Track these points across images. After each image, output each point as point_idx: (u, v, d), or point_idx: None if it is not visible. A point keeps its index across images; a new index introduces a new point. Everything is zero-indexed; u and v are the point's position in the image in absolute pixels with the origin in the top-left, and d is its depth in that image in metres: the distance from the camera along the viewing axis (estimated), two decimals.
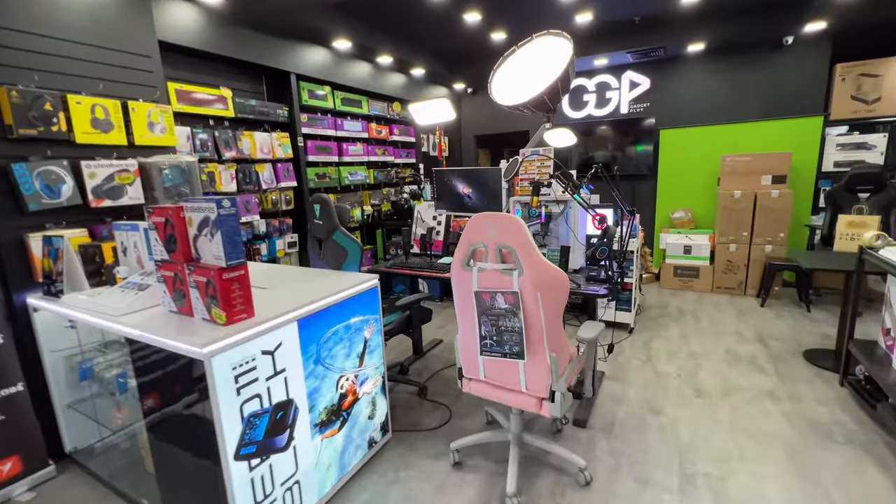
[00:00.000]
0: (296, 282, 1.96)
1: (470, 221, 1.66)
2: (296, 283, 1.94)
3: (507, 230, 1.56)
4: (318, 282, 1.93)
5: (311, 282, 1.94)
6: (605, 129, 5.22)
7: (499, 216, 1.58)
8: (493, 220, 1.59)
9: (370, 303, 1.99)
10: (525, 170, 2.52)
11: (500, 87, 2.61)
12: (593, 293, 2.03)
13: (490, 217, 1.61)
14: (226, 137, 3.04)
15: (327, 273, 2.09)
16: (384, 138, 4.73)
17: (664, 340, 3.27)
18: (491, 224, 1.60)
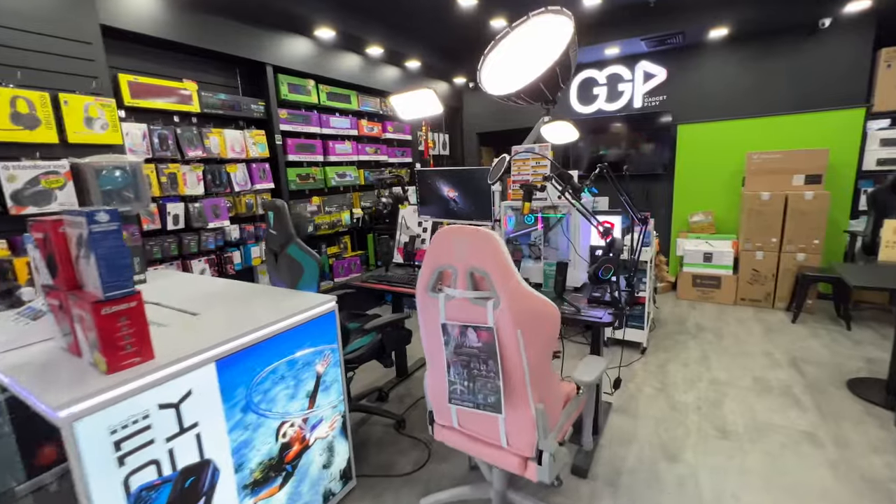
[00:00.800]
0: (241, 304, 1.64)
1: (435, 236, 1.32)
2: (240, 305, 1.63)
3: (479, 249, 1.22)
4: (265, 305, 1.61)
5: (257, 305, 1.62)
6: (616, 124, 4.81)
7: (469, 230, 1.24)
8: (463, 236, 1.25)
9: (325, 330, 1.66)
10: (518, 170, 2.16)
11: (491, 74, 2.26)
12: (595, 320, 1.67)
13: (458, 232, 1.27)
14: (189, 135, 2.75)
15: (279, 294, 1.77)
16: (376, 136, 4.41)
17: (681, 364, 2.88)
18: (459, 240, 1.26)
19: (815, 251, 3.65)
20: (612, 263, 1.61)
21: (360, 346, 2.08)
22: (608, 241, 1.67)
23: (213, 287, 1.90)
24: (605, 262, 1.62)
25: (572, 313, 1.76)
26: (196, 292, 1.83)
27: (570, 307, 1.80)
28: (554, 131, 2.15)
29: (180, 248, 2.78)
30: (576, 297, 1.98)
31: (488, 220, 2.23)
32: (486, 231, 1.21)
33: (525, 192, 1.83)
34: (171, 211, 2.70)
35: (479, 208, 2.24)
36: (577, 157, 5.09)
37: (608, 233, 1.66)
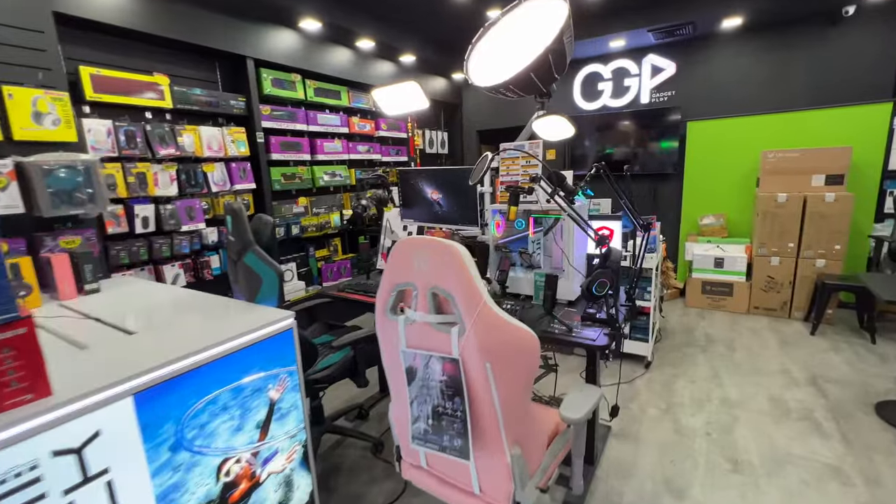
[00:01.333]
0: (189, 320, 1.46)
1: (394, 249, 1.12)
2: (188, 322, 1.44)
3: (441, 265, 1.02)
4: (216, 321, 1.43)
5: (207, 321, 1.44)
6: (622, 122, 4.57)
7: (430, 244, 1.04)
8: (423, 249, 1.05)
9: (281, 351, 1.47)
10: (507, 170, 1.95)
11: (479, 65, 2.05)
12: (588, 342, 1.46)
13: (419, 245, 1.06)
14: (160, 132, 2.58)
15: (234, 309, 1.58)
16: (369, 134, 4.22)
17: (689, 380, 2.64)
18: (420, 255, 1.06)
19: (836, 257, 3.38)
20: (608, 278, 1.40)
21: (331, 364, 1.89)
22: (604, 251, 1.45)
23: (169, 298, 1.72)
24: (599, 275, 1.40)
25: (562, 333, 1.55)
26: (147, 304, 1.65)
27: (559, 325, 1.59)
28: (547, 127, 1.94)
29: (150, 253, 2.61)
30: (569, 312, 1.76)
31: (474, 225, 2.03)
32: (449, 245, 1.01)
33: (511, 194, 1.62)
34: (140, 213, 2.54)
35: (464, 212, 2.04)
36: (582, 156, 4.85)
37: (604, 242, 1.44)
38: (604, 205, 3.09)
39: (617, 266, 1.42)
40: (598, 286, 1.40)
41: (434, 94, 5.07)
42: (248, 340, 1.36)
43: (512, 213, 1.63)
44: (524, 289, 1.97)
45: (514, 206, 1.63)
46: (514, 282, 1.99)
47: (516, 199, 1.63)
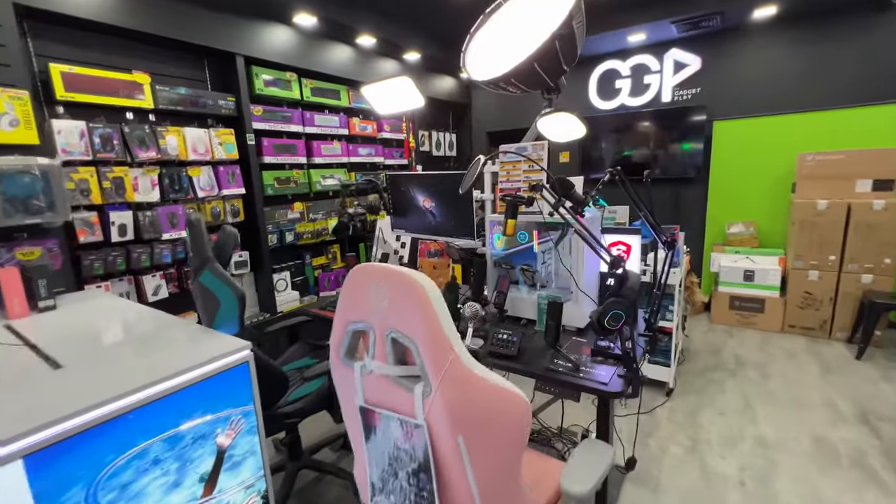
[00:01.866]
0: (132, 350, 1.26)
1: (348, 278, 0.89)
2: (131, 352, 1.24)
3: (401, 304, 0.78)
4: (161, 352, 1.23)
5: (152, 351, 1.24)
6: (642, 122, 4.26)
7: (389, 273, 0.80)
8: (381, 281, 0.82)
9: (233, 389, 1.25)
10: (507, 176, 1.71)
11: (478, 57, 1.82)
12: (598, 386, 1.20)
13: (375, 274, 0.83)
14: (140, 134, 2.42)
15: (186, 336, 1.37)
16: (371, 135, 4.02)
17: (717, 412, 2.34)
18: (377, 287, 0.82)
19: (885, 272, 3.02)
20: (623, 308, 1.14)
21: (304, 396, 1.67)
22: (619, 274, 1.19)
23: (124, 318, 1.53)
24: (612, 305, 1.14)
25: (567, 371, 1.29)
26: (96, 328, 1.46)
27: (564, 362, 1.34)
28: (554, 126, 1.69)
29: (129, 263, 2.44)
30: (577, 343, 1.50)
31: (470, 237, 1.79)
32: (412, 278, 0.77)
33: (508, 205, 1.38)
34: (116, 220, 2.37)
35: (459, 222, 1.80)
36: (598, 158, 4.55)
37: (619, 264, 1.18)
38: (620, 213, 2.81)
39: (634, 294, 1.16)
40: (612, 318, 1.15)
41: (441, 94, 4.85)
42: (188, 380, 1.14)
43: (509, 227, 1.38)
44: (527, 311, 1.72)
45: (511, 218, 1.38)
46: (516, 303, 1.74)
47: (514, 210, 1.38)
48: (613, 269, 1.20)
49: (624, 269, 1.19)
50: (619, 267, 1.18)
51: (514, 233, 1.38)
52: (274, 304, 3.19)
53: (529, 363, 1.37)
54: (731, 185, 3.89)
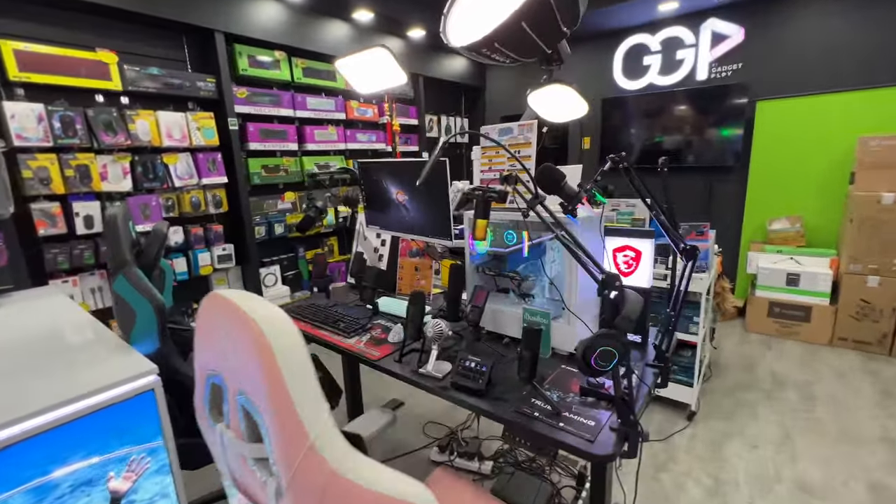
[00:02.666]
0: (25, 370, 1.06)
1: (201, 306, 0.63)
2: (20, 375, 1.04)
3: (239, 352, 0.52)
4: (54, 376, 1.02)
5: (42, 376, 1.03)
6: (672, 103, 3.80)
7: (226, 306, 0.54)
8: (222, 317, 0.55)
9: (133, 423, 1.04)
10: (489, 164, 1.40)
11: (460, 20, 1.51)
12: (581, 445, 0.91)
13: (219, 305, 0.57)
14: (106, 118, 2.24)
15: (100, 351, 1.17)
16: (372, 120, 3.75)
17: (748, 444, 1.99)
18: (222, 325, 0.56)
19: None
20: (616, 345, 0.84)
21: None
22: (612, 298, 0.89)
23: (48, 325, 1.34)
24: (601, 341, 0.84)
25: (545, 417, 1.00)
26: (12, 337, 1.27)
27: (541, 403, 1.04)
28: (547, 102, 1.36)
29: (97, 256, 2.29)
30: (566, 374, 1.20)
31: (445, 237, 1.50)
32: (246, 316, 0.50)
33: (477, 202, 1.08)
34: (81, 211, 2.22)
35: (433, 219, 1.52)
36: (626, 146, 4.10)
37: (612, 284, 0.87)
38: (640, 208, 2.45)
39: (631, 326, 0.85)
40: (600, 357, 0.85)
41: (451, 76, 4.51)
42: (60, 418, 0.93)
43: (479, 228, 1.09)
44: (511, 327, 1.43)
45: (481, 218, 1.08)
46: (498, 316, 1.45)
47: (485, 208, 1.09)
48: (606, 290, 0.89)
49: (620, 291, 0.88)
50: (612, 288, 0.87)
51: (484, 236, 1.09)
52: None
53: (499, 401, 1.09)
54: (774, 174, 3.41)
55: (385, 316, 1.73)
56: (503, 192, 1.08)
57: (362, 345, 1.47)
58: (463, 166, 5.00)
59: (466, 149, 5.06)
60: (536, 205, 0.96)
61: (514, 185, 1.04)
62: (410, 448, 2.06)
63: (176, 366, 1.26)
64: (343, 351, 1.47)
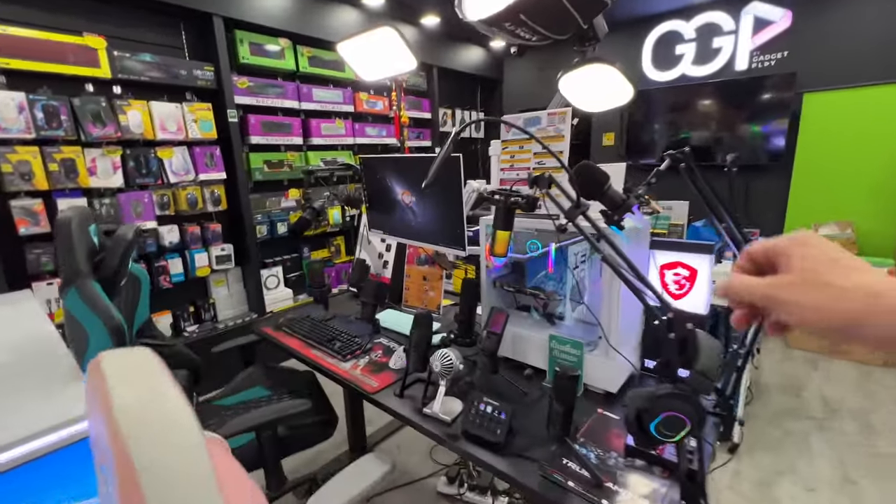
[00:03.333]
0: None
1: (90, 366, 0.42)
2: None
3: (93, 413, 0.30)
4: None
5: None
6: (706, 96, 3.49)
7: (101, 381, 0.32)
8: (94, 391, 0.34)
9: (67, 474, 0.85)
10: (510, 162, 1.18)
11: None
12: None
13: (95, 377, 0.35)
14: (94, 108, 2.08)
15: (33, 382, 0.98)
16: (382, 113, 3.54)
17: (801, 485, 1.73)
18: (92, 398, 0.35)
19: None
20: (689, 410, 0.61)
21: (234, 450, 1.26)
22: (676, 336, 0.66)
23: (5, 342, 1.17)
24: (666, 404, 0.62)
25: (580, 489, 0.78)
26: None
27: (576, 466, 0.82)
28: (582, 85, 1.13)
29: None
30: (603, 421, 0.98)
31: (458, 246, 1.28)
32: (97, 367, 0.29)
33: (497, 210, 0.86)
34: (66, 208, 2.06)
35: (444, 225, 1.30)
36: (648, 143, 3.83)
37: (680, 326, 0.65)
38: (676, 209, 2.19)
39: (708, 385, 0.63)
40: (664, 425, 0.62)
41: (467, 67, 4.28)
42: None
43: (500, 242, 0.87)
44: (534, 355, 1.21)
45: (503, 229, 0.86)
46: (519, 342, 1.23)
47: (508, 217, 0.87)
48: (669, 330, 0.66)
49: (692, 334, 0.65)
50: (681, 331, 0.64)
51: (505, 252, 0.87)
52: (262, 304, 2.84)
53: (522, 460, 0.87)
54: (822, 174, 3.10)
55: (388, 333, 1.52)
56: (531, 199, 0.85)
57: (359, 371, 1.27)
58: (478, 164, 4.77)
59: (482, 144, 4.81)
60: (578, 215, 0.74)
61: (546, 189, 0.81)
62: (415, 476, 1.86)
63: None
64: (336, 378, 1.26)
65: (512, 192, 0.90)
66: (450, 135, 0.87)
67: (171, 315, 2.52)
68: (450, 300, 1.81)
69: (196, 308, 2.65)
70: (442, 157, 0.85)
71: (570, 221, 0.75)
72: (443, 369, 1.00)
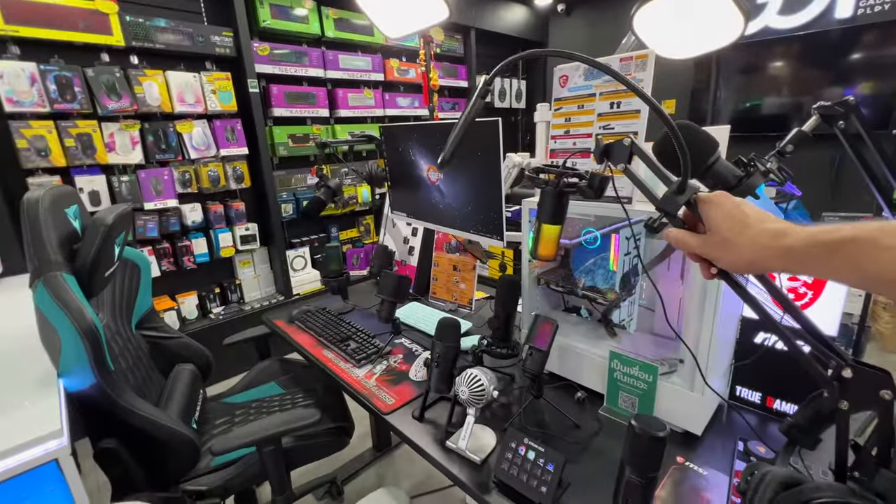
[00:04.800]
0: None
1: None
2: None
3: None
4: None
5: None
6: (791, 54, 2.96)
7: None
8: None
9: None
10: (566, 126, 0.90)
11: None
12: None
13: None
14: (108, 79, 1.96)
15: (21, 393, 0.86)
16: (415, 81, 3.27)
17: None
18: None
19: None
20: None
21: (230, 462, 1.12)
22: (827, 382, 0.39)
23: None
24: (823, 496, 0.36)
25: None
26: None
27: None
28: (666, 18, 0.83)
29: None
30: (686, 475, 0.73)
31: (496, 236, 1.04)
32: None
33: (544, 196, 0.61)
34: (86, 186, 1.99)
35: (478, 209, 1.05)
36: (715, 112, 3.33)
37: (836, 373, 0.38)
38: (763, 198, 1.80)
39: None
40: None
41: (508, 28, 3.89)
42: None
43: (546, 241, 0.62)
44: (588, 374, 0.96)
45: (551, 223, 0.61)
46: (569, 357, 0.98)
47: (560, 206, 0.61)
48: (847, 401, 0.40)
49: (886, 407, 0.39)
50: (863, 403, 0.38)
51: (553, 254, 0.63)
52: (289, 286, 2.73)
53: None
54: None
55: (411, 333, 1.32)
56: (598, 178, 0.59)
57: (374, 381, 1.07)
58: (518, 139, 4.41)
59: (524, 115, 4.43)
60: (683, 203, 0.48)
61: (626, 164, 0.55)
62: (442, 483, 1.69)
63: (127, 405, 0.94)
64: (349, 390, 1.08)
65: (566, 170, 0.64)
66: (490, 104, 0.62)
67: (197, 296, 2.46)
68: (484, 293, 1.58)
69: (222, 289, 2.57)
70: (465, 121, 0.60)
71: (670, 215, 0.49)
72: (472, 397, 0.78)
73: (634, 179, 0.56)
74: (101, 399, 0.91)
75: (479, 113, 0.64)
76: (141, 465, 1.00)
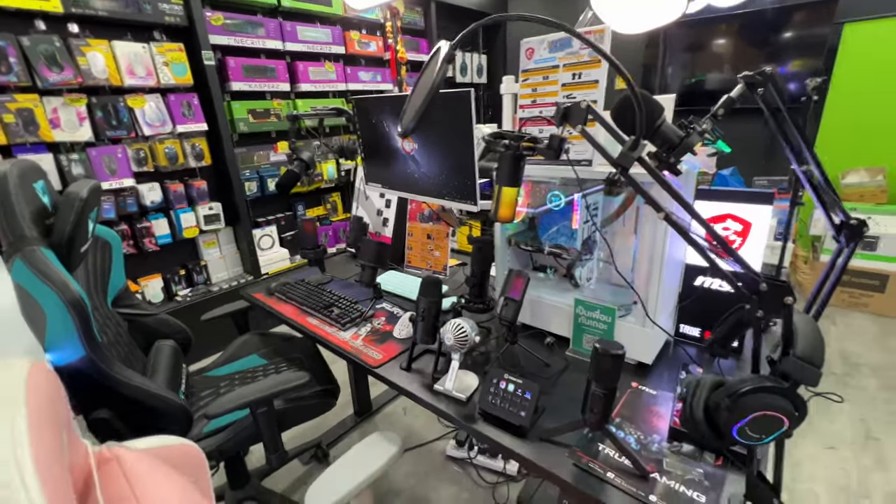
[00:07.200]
0: None
1: None
2: None
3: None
4: None
5: None
6: (728, 33, 3.17)
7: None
8: None
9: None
10: (532, 96, 0.98)
11: None
12: None
13: None
14: (48, 49, 1.82)
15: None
16: (376, 55, 3.23)
17: (821, 443, 1.67)
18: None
19: None
20: (787, 408, 0.48)
21: (222, 427, 1.17)
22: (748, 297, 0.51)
23: None
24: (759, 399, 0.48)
25: (628, 486, 0.67)
26: None
27: (614, 455, 0.71)
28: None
29: None
30: (638, 397, 0.86)
31: (469, 200, 1.12)
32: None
33: (503, 159, 0.69)
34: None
35: (451, 176, 1.12)
36: (662, 87, 3.54)
37: (780, 303, 0.50)
38: (703, 157, 1.99)
39: (815, 375, 0.49)
40: (755, 425, 0.49)
41: (469, 2, 3.88)
42: None
43: (505, 203, 0.70)
44: (556, 322, 1.08)
45: (508, 185, 0.70)
46: (538, 307, 1.10)
47: (515, 168, 0.69)
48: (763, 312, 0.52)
49: (789, 311, 0.50)
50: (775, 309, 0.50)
51: (512, 215, 0.71)
52: (258, 265, 2.70)
53: (550, 445, 0.76)
54: (854, 116, 2.86)
55: (391, 297, 1.39)
56: (557, 139, 0.67)
57: (360, 341, 1.14)
58: (480, 113, 4.45)
59: (486, 90, 4.47)
60: (633, 160, 0.57)
61: (583, 125, 0.63)
62: (423, 439, 1.81)
63: (116, 375, 0.95)
64: (336, 350, 1.14)
65: (521, 135, 0.72)
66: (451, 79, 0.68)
67: (162, 279, 2.39)
68: (456, 259, 1.67)
69: (188, 271, 2.51)
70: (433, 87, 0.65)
71: (623, 169, 0.58)
72: (456, 342, 0.87)
73: (591, 140, 0.65)
74: (92, 371, 0.93)
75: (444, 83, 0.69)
76: (135, 434, 1.03)
